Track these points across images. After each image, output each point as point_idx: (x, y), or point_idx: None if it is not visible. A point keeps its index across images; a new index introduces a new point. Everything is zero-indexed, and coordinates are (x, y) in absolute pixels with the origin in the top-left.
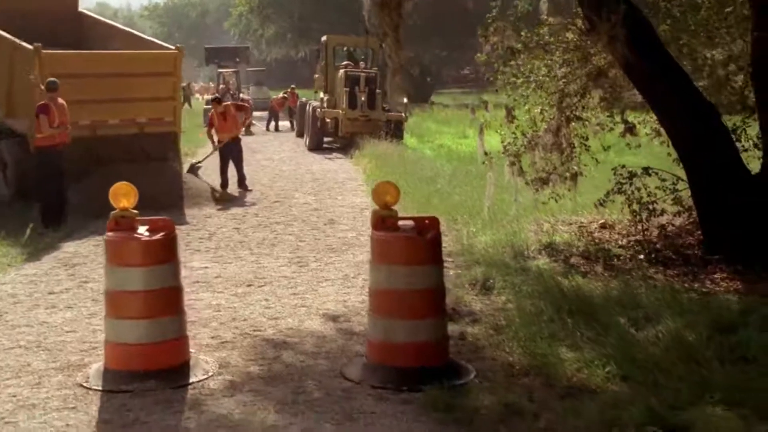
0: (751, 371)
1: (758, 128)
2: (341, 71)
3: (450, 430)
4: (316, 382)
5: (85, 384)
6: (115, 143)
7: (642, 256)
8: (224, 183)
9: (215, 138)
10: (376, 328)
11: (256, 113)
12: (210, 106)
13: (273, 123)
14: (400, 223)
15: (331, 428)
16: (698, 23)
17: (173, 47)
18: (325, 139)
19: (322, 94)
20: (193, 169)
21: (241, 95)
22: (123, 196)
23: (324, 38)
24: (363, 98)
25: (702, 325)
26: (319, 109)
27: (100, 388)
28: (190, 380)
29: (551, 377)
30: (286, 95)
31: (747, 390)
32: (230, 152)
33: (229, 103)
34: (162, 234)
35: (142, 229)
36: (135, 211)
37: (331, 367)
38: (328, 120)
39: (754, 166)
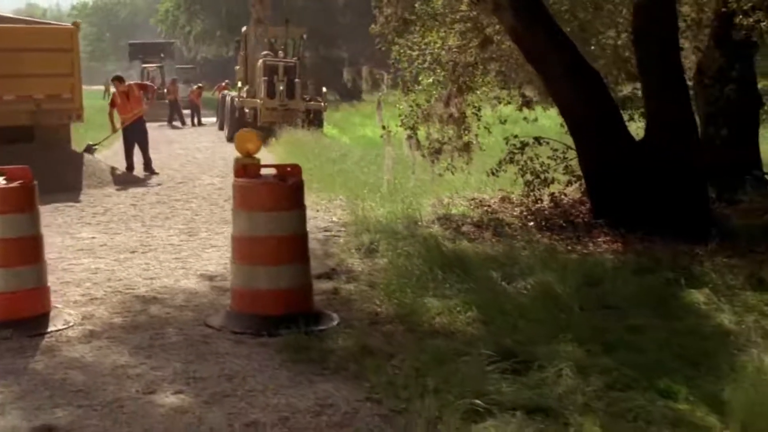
0: (609, 317)
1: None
2: (260, 61)
3: (300, 368)
4: (177, 330)
5: None
6: (10, 120)
7: (532, 224)
8: (130, 166)
9: (117, 120)
10: (239, 275)
11: (184, 111)
12: None
13: (196, 117)
14: (263, 171)
15: (180, 367)
16: None
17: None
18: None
19: (240, 84)
20: (89, 150)
21: (165, 91)
22: None
23: (244, 29)
24: (282, 87)
25: (572, 279)
26: (237, 99)
27: None
28: (49, 330)
29: (414, 323)
30: (201, 86)
31: (601, 331)
32: (134, 134)
33: (132, 83)
34: (19, 183)
35: None
36: None
37: (196, 318)
38: (247, 110)
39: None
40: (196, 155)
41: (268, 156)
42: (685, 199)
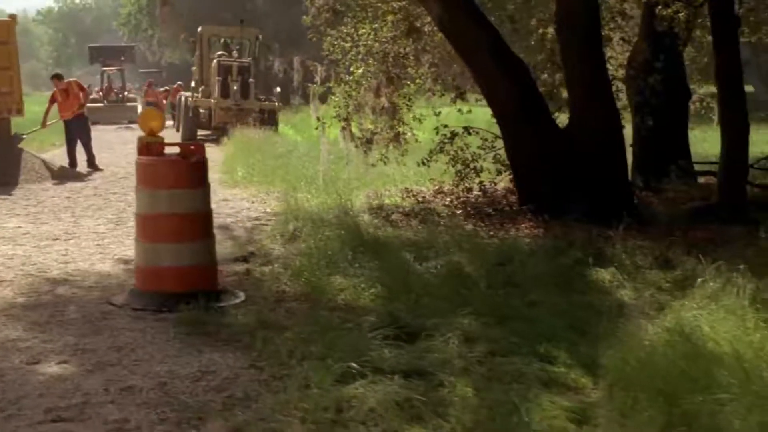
0: (512, 293)
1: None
2: (214, 61)
3: (193, 341)
4: (79, 307)
5: None
6: None
7: (460, 212)
8: (72, 163)
9: (53, 116)
10: (142, 253)
11: None
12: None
13: None
14: (167, 150)
15: (72, 340)
16: None
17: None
18: (204, 133)
19: (193, 84)
20: (16, 139)
21: (126, 94)
22: None
23: (199, 29)
24: (235, 87)
25: (485, 260)
26: (191, 99)
27: None
28: None
29: (318, 300)
30: (168, 89)
31: (501, 305)
32: (76, 131)
33: (71, 80)
34: None
35: None
36: None
37: (102, 297)
38: (202, 110)
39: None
40: None
41: (216, 153)
42: (607, 187)
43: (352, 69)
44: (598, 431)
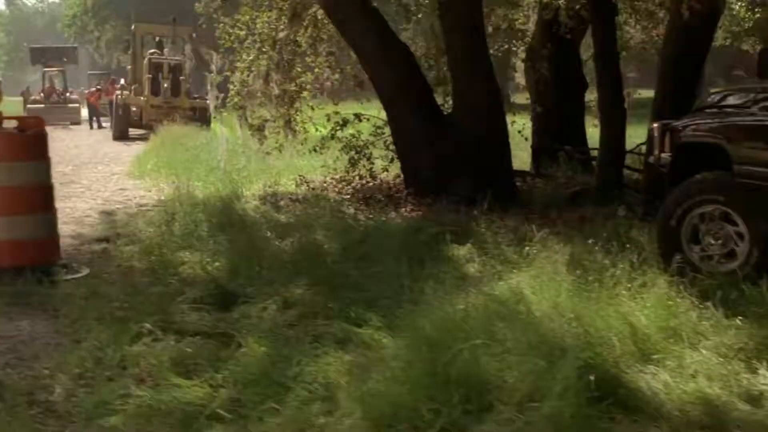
0: (359, 267)
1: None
2: (146, 59)
3: (10, 311)
4: None
5: None
6: None
7: (348, 197)
8: None
9: None
10: None
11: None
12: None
13: (96, 120)
14: (6, 124)
15: None
16: None
17: None
18: (138, 132)
19: (123, 81)
20: None
21: (68, 95)
22: None
23: (133, 27)
24: (166, 85)
25: (348, 238)
26: (121, 96)
27: None
28: None
29: (161, 274)
30: (99, 87)
31: (339, 276)
32: None
33: None
34: None
35: None
36: None
37: None
38: (133, 109)
39: None
40: (74, 151)
41: (139, 148)
42: (487, 170)
43: (244, 56)
44: (364, 380)
